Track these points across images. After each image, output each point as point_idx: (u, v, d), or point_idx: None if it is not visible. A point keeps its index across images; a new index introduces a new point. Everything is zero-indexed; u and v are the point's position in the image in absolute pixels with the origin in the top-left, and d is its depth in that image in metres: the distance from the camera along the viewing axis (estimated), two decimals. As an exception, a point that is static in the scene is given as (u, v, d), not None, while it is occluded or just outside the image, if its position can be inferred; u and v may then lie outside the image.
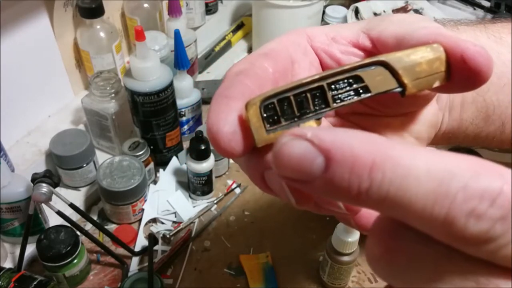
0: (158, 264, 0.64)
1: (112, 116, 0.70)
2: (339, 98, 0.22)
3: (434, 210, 0.15)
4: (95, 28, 0.76)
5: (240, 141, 0.21)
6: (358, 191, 0.16)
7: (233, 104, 0.22)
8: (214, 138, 0.21)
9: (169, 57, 0.80)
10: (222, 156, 0.22)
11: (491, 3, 1.04)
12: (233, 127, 0.21)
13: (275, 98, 0.21)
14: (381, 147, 0.16)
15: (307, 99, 0.21)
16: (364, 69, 0.21)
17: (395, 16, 0.28)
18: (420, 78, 0.22)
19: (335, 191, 0.16)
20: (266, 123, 0.21)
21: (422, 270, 0.16)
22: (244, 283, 0.64)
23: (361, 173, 0.16)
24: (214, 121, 0.21)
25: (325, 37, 0.30)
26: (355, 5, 0.98)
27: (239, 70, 0.24)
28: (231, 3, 1.06)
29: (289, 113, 0.21)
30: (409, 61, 0.22)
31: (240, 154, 0.21)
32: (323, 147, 0.16)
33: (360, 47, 0.29)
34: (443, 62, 0.22)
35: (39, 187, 0.57)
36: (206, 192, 0.73)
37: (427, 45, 0.23)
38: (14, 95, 0.71)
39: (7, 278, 0.55)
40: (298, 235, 0.70)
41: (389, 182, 0.15)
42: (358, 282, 0.65)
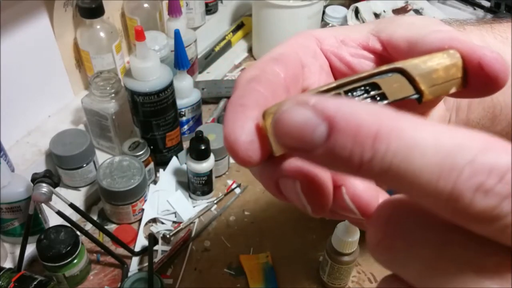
0: (158, 264, 0.64)
1: (112, 116, 0.70)
2: None
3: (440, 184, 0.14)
4: (95, 28, 0.76)
5: (258, 150, 0.21)
6: (360, 162, 0.15)
7: (249, 113, 0.22)
8: (232, 148, 0.21)
9: (169, 57, 0.80)
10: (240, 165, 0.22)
11: (491, 3, 1.04)
12: (250, 136, 0.21)
13: None
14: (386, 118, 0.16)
15: None
16: (381, 76, 0.21)
17: (404, 18, 0.28)
18: (437, 84, 0.22)
19: (336, 161, 0.16)
20: None
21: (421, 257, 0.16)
22: (244, 283, 0.64)
23: (364, 143, 0.15)
24: (231, 131, 0.21)
25: (334, 39, 0.29)
26: (355, 5, 0.98)
27: (251, 77, 0.24)
28: (231, 3, 1.06)
29: None
30: (426, 68, 0.22)
31: (257, 163, 0.21)
32: (326, 115, 0.16)
33: (370, 49, 0.29)
34: (460, 69, 0.22)
35: (39, 187, 0.57)
36: (206, 192, 0.73)
37: (443, 51, 0.23)
38: (14, 95, 0.71)
39: (7, 278, 0.55)
40: (298, 235, 0.70)
41: (393, 154, 0.15)
42: (358, 282, 0.65)
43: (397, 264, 0.17)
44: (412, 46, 0.26)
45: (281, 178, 0.21)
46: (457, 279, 0.15)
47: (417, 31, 0.26)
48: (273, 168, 0.22)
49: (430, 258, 0.16)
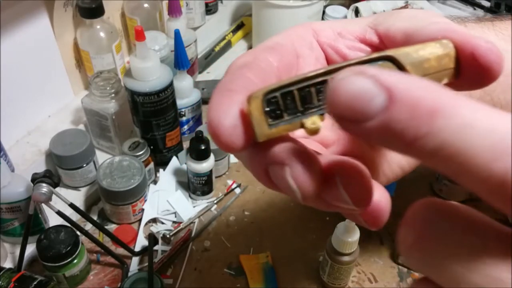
0: (158, 264, 0.64)
1: (112, 116, 0.70)
2: None
3: (494, 166, 0.14)
4: (95, 28, 0.76)
5: (241, 135, 0.20)
6: (414, 137, 0.15)
7: (235, 97, 0.21)
8: (215, 132, 0.21)
9: (169, 57, 0.80)
10: (222, 150, 0.21)
11: (491, 3, 1.04)
12: (234, 120, 0.20)
13: (279, 91, 0.20)
14: (445, 96, 0.15)
15: (311, 94, 0.21)
16: (371, 64, 0.21)
17: (404, 12, 0.28)
18: (428, 74, 0.21)
19: (390, 134, 0.16)
20: (269, 118, 0.20)
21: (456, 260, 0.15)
22: (244, 283, 0.64)
23: (421, 117, 0.15)
24: (214, 114, 0.21)
25: (332, 32, 0.29)
26: (355, 5, 0.98)
27: (243, 63, 0.24)
28: (231, 3, 1.06)
29: (292, 107, 0.21)
30: (417, 57, 0.21)
31: (240, 148, 0.21)
32: (385, 86, 0.15)
33: (367, 42, 0.29)
34: (453, 59, 0.22)
35: (39, 187, 0.57)
36: (206, 192, 0.73)
37: (436, 41, 0.22)
38: (14, 95, 0.71)
39: (7, 278, 0.55)
40: (298, 235, 0.70)
41: (448, 131, 0.15)
42: (358, 282, 0.65)
43: (430, 266, 0.16)
44: (408, 37, 0.25)
45: (270, 165, 0.21)
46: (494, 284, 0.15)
47: (415, 24, 0.26)
48: (262, 155, 0.21)
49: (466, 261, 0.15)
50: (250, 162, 0.23)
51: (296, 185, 0.20)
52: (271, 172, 0.21)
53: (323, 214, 0.72)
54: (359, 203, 0.21)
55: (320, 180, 0.20)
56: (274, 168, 0.21)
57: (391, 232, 0.71)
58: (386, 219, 0.23)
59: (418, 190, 0.77)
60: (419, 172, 0.88)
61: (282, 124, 0.20)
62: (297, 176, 0.20)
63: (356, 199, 0.21)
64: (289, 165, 0.20)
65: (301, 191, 0.20)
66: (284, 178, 0.20)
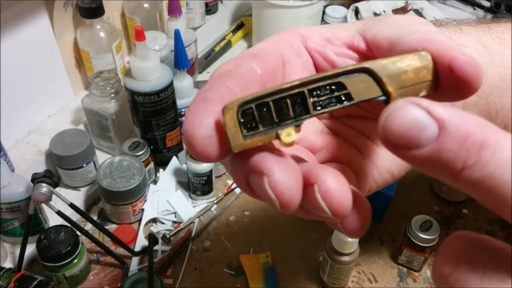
0: (158, 264, 0.64)
1: (112, 116, 0.70)
2: (320, 105, 0.21)
3: None
4: (95, 28, 0.76)
5: (216, 145, 0.21)
6: (462, 166, 0.16)
7: (210, 108, 0.21)
8: (189, 142, 0.21)
9: (169, 57, 0.80)
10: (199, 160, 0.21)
11: (491, 3, 1.04)
12: (209, 131, 0.21)
13: (254, 103, 0.20)
14: (493, 130, 0.16)
15: (287, 105, 0.21)
16: (348, 76, 0.21)
17: (391, 18, 0.28)
18: (406, 87, 0.21)
19: (439, 163, 0.17)
20: (243, 129, 0.20)
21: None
22: (244, 283, 0.64)
23: (471, 149, 0.16)
24: (189, 125, 0.21)
25: (320, 37, 0.29)
26: (355, 5, 0.98)
27: (223, 72, 0.24)
28: (231, 3, 1.06)
29: (267, 118, 0.21)
30: (394, 69, 0.21)
31: (215, 158, 0.21)
32: (438, 117, 0.17)
33: (355, 49, 0.28)
34: (430, 71, 0.22)
35: (39, 187, 0.57)
36: (206, 192, 0.73)
37: (415, 53, 0.22)
38: (14, 95, 0.71)
39: (7, 278, 0.55)
40: (298, 235, 0.70)
41: (496, 163, 0.16)
42: (358, 282, 0.65)
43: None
44: (392, 46, 0.25)
45: (250, 174, 0.21)
46: None
47: (398, 31, 0.25)
48: (243, 164, 0.21)
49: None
50: (232, 170, 0.23)
51: (274, 194, 0.20)
52: (251, 181, 0.21)
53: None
54: (337, 213, 0.21)
55: (299, 189, 0.20)
56: (254, 177, 0.21)
57: (391, 232, 0.71)
58: (366, 228, 0.23)
59: (418, 190, 0.77)
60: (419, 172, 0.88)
61: (257, 136, 0.20)
62: (275, 185, 0.20)
63: (334, 209, 0.21)
64: (267, 175, 0.20)
65: (279, 201, 0.20)
66: (263, 188, 0.20)
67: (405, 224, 0.63)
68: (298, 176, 0.20)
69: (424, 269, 0.66)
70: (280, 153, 0.21)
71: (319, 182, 0.21)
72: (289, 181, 0.20)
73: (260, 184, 0.20)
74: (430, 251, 0.63)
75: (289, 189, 0.20)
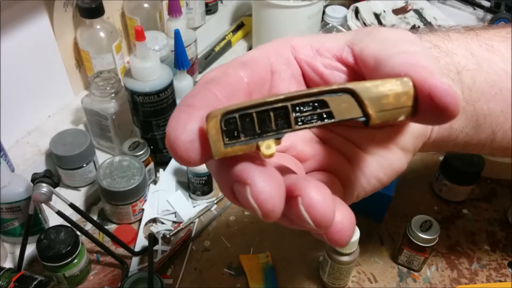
0: (158, 264, 0.64)
1: (112, 116, 0.70)
2: (302, 120, 0.22)
3: None
4: (95, 28, 0.76)
5: (198, 150, 0.21)
6: None
7: (194, 113, 0.22)
8: (171, 146, 0.21)
9: (169, 57, 0.80)
10: (180, 164, 0.22)
11: (491, 3, 1.04)
12: (192, 136, 0.21)
13: (238, 113, 0.21)
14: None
15: (270, 118, 0.21)
16: (331, 94, 0.22)
17: (380, 32, 0.28)
18: (386, 110, 0.22)
19: None
20: (225, 137, 0.21)
21: None
22: (244, 283, 0.64)
23: None
24: (172, 129, 0.21)
25: (310, 48, 0.29)
26: (355, 5, 0.98)
27: (210, 78, 0.24)
28: (231, 3, 1.06)
29: (250, 129, 0.21)
30: (376, 93, 0.22)
31: (197, 163, 0.21)
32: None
33: (344, 61, 0.29)
34: (411, 97, 0.22)
35: (39, 187, 0.57)
36: (206, 192, 0.73)
37: (397, 78, 0.23)
38: (14, 95, 0.71)
39: (7, 278, 0.55)
40: (298, 235, 0.70)
41: None
42: (358, 282, 0.65)
43: None
44: (377, 65, 0.26)
45: (234, 184, 0.21)
46: None
47: (385, 50, 0.26)
48: (228, 174, 0.22)
49: None
50: (218, 179, 0.23)
51: (256, 204, 0.20)
52: (235, 190, 0.22)
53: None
54: (320, 225, 0.21)
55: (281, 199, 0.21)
56: (237, 186, 0.21)
57: (391, 232, 0.71)
58: (349, 239, 0.24)
59: (418, 190, 0.77)
60: (419, 172, 0.88)
61: (237, 145, 0.21)
62: (257, 195, 0.20)
63: (317, 220, 0.21)
64: (250, 185, 0.20)
65: (261, 210, 0.20)
66: (246, 197, 0.20)
67: (405, 224, 0.63)
68: (280, 187, 0.21)
69: (424, 269, 0.66)
70: (263, 163, 0.21)
71: (302, 195, 0.21)
72: (271, 191, 0.20)
73: (243, 193, 0.21)
74: (430, 251, 0.63)
75: (271, 199, 0.20)
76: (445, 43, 0.33)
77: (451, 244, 0.70)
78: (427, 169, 0.79)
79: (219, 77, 0.24)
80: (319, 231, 0.22)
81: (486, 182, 0.78)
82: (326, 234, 0.23)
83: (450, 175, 0.72)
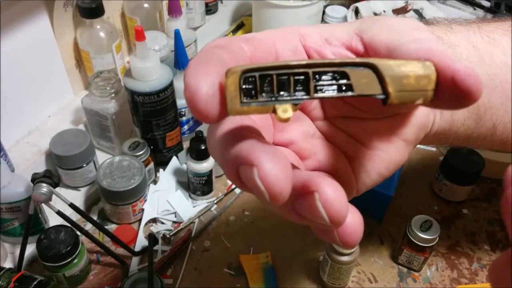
0: (158, 264, 0.64)
1: (112, 116, 0.70)
2: (321, 89, 0.21)
3: None
4: (95, 28, 0.76)
5: (217, 105, 0.21)
6: None
7: (212, 69, 0.21)
8: (192, 98, 0.20)
9: (169, 57, 0.80)
10: (197, 118, 0.21)
11: (491, 3, 1.04)
12: (212, 89, 0.20)
13: (258, 72, 0.21)
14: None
15: (289, 82, 0.21)
16: (353, 67, 0.21)
17: (387, 20, 0.28)
18: (405, 91, 0.22)
19: None
20: (243, 95, 0.21)
21: None
22: (244, 283, 0.64)
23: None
24: (192, 81, 0.21)
25: (319, 37, 0.29)
26: (355, 5, 0.98)
27: (217, 45, 0.24)
28: (231, 3, 1.06)
29: (268, 91, 0.21)
30: (398, 72, 0.22)
31: (215, 118, 0.21)
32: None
33: (353, 50, 0.29)
34: (432, 81, 0.22)
35: (39, 187, 0.57)
36: (206, 192, 0.73)
37: (420, 61, 0.22)
38: (14, 95, 0.71)
39: (7, 278, 0.55)
40: (298, 235, 0.70)
41: None
42: (358, 282, 0.65)
43: None
44: (390, 52, 0.25)
45: (240, 166, 0.21)
46: None
47: (396, 37, 0.26)
48: (234, 156, 0.21)
49: None
50: (223, 163, 0.23)
51: (264, 186, 0.20)
52: (241, 173, 0.21)
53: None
54: (335, 221, 0.21)
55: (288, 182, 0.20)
56: (244, 169, 0.21)
57: (391, 232, 0.71)
58: (359, 239, 0.24)
59: (418, 190, 0.77)
60: (419, 172, 0.87)
61: (254, 105, 0.21)
62: (265, 177, 0.20)
63: (332, 216, 0.21)
64: (257, 166, 0.20)
65: (269, 193, 0.20)
66: (252, 179, 0.20)
67: (405, 224, 0.63)
68: (288, 169, 0.20)
69: (424, 269, 0.66)
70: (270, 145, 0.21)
71: (320, 191, 0.21)
72: (279, 173, 0.20)
73: (249, 176, 0.20)
74: (430, 251, 0.63)
75: (278, 182, 0.20)
76: (448, 35, 0.33)
77: (451, 244, 0.70)
78: (427, 169, 0.79)
79: (226, 45, 0.24)
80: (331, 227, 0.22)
81: (486, 182, 0.78)
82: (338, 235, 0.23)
83: (450, 175, 0.72)
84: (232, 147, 0.21)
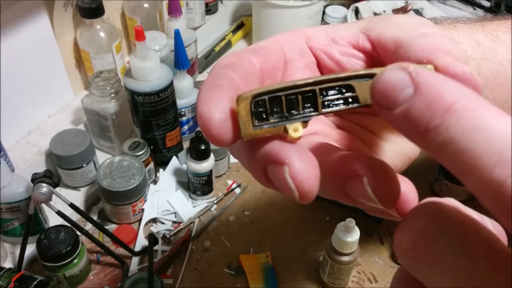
0: (158, 264, 0.64)
1: (112, 116, 0.70)
2: (328, 104, 0.22)
3: (494, 172, 0.14)
4: (95, 28, 0.76)
5: (231, 129, 0.21)
6: (426, 128, 0.16)
7: (223, 93, 0.22)
8: (205, 125, 0.21)
9: (169, 57, 0.80)
10: (212, 143, 0.22)
11: (491, 3, 1.04)
12: (224, 115, 0.21)
13: (267, 95, 0.21)
14: (468, 97, 0.16)
15: (298, 101, 0.22)
16: (358, 80, 0.22)
17: (394, 18, 0.28)
18: None
19: (407, 123, 0.17)
20: (255, 119, 0.21)
21: (444, 278, 0.16)
22: (244, 283, 0.64)
23: (436, 110, 0.16)
24: (205, 108, 0.21)
25: (325, 37, 0.29)
26: (355, 5, 0.98)
27: (226, 64, 0.24)
28: (231, 3, 1.06)
29: (278, 112, 0.22)
30: None
31: (229, 142, 0.21)
32: (416, 80, 0.17)
33: (360, 48, 0.29)
34: None
35: (39, 187, 0.57)
36: (206, 192, 0.73)
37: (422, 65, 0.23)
38: (14, 95, 0.71)
39: (7, 278, 0.55)
40: (298, 235, 0.70)
41: (459, 129, 0.15)
42: (358, 282, 0.65)
43: (417, 272, 0.17)
44: (398, 47, 0.26)
45: (269, 164, 0.21)
46: None
47: (404, 33, 0.26)
48: (261, 155, 0.22)
49: (452, 281, 0.16)
50: (248, 161, 0.23)
51: (294, 184, 0.20)
52: (269, 171, 0.21)
53: (323, 214, 0.72)
54: (386, 203, 0.21)
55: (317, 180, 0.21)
56: (273, 167, 0.21)
57: (391, 232, 0.71)
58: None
59: (418, 190, 0.76)
60: (419, 172, 0.87)
61: (266, 127, 0.21)
62: (295, 176, 0.20)
63: (384, 199, 0.21)
64: (288, 165, 0.20)
65: (299, 191, 0.20)
66: (283, 178, 0.20)
67: (405, 224, 0.63)
68: (316, 167, 0.21)
69: (424, 269, 0.66)
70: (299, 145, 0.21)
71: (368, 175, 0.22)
72: (309, 171, 0.20)
73: (279, 174, 0.21)
74: (430, 251, 0.63)
75: (308, 179, 0.20)
76: (451, 32, 0.34)
77: (451, 244, 0.70)
78: (427, 169, 0.79)
79: (234, 63, 0.24)
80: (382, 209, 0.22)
81: (486, 182, 0.78)
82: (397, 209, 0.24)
83: (450, 175, 0.72)
84: (261, 146, 0.22)
